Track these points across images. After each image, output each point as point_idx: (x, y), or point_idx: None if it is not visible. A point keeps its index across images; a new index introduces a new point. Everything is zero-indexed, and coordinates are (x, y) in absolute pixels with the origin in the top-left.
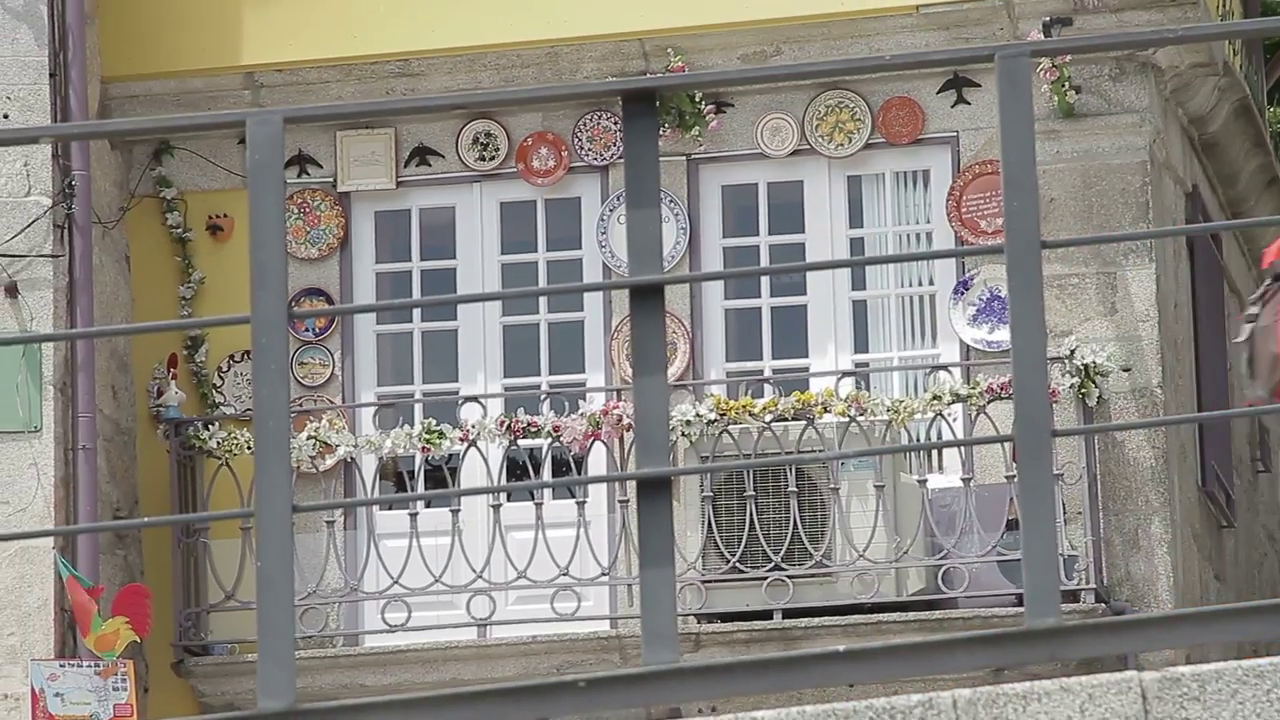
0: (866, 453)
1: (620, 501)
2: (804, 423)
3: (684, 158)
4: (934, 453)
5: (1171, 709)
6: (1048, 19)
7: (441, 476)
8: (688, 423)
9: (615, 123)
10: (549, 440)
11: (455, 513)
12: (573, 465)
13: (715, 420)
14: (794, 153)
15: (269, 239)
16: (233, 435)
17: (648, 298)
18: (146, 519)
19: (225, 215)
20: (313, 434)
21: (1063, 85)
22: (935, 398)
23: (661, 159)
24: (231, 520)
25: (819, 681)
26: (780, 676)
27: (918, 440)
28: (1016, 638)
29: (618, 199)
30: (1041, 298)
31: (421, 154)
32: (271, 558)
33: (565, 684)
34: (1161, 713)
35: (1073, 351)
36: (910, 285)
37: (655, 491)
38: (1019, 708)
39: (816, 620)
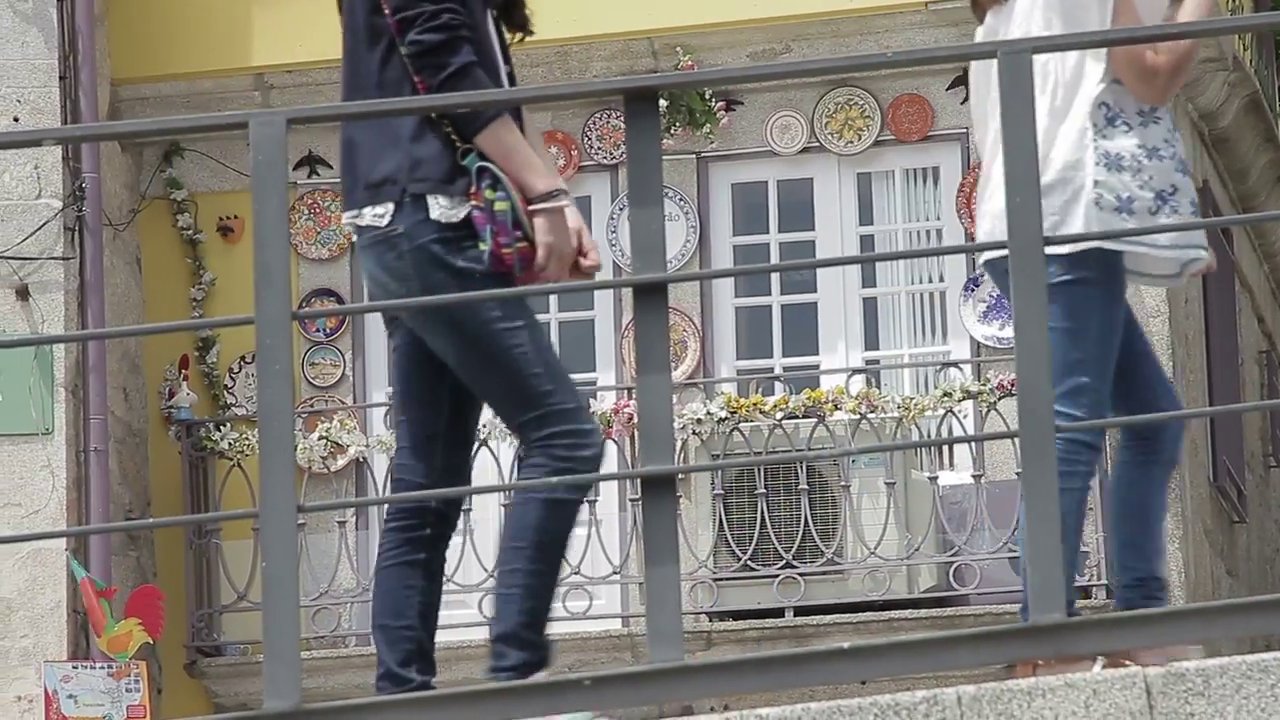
0: (875, 449)
1: (631, 500)
2: (815, 420)
3: (693, 156)
4: (944, 449)
5: (1176, 704)
6: None
7: None
8: (698, 421)
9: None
10: None
11: (466, 512)
12: None
13: (726, 418)
14: (803, 150)
15: (273, 240)
16: (244, 436)
17: (651, 296)
18: (154, 520)
19: (236, 217)
20: (324, 434)
21: None
22: (946, 395)
23: (671, 157)
24: (244, 521)
25: (824, 679)
26: (785, 674)
27: (928, 437)
28: (1021, 634)
29: (628, 197)
30: (1045, 294)
31: None
32: (276, 558)
33: (571, 682)
34: (1166, 708)
35: None
36: (921, 282)
37: (660, 489)
38: (1024, 704)
39: (828, 618)
